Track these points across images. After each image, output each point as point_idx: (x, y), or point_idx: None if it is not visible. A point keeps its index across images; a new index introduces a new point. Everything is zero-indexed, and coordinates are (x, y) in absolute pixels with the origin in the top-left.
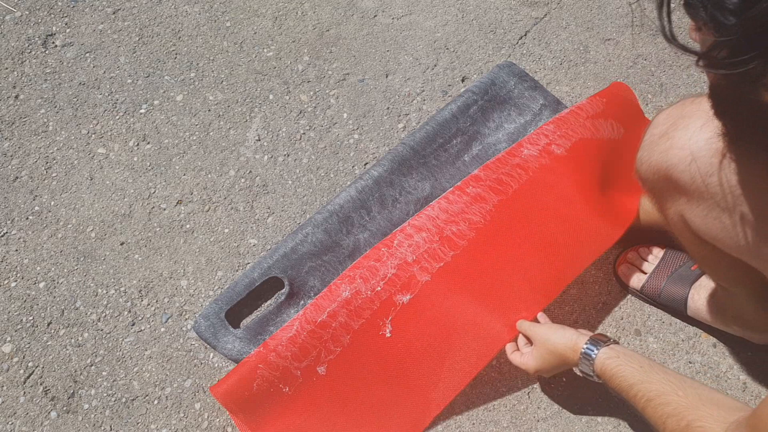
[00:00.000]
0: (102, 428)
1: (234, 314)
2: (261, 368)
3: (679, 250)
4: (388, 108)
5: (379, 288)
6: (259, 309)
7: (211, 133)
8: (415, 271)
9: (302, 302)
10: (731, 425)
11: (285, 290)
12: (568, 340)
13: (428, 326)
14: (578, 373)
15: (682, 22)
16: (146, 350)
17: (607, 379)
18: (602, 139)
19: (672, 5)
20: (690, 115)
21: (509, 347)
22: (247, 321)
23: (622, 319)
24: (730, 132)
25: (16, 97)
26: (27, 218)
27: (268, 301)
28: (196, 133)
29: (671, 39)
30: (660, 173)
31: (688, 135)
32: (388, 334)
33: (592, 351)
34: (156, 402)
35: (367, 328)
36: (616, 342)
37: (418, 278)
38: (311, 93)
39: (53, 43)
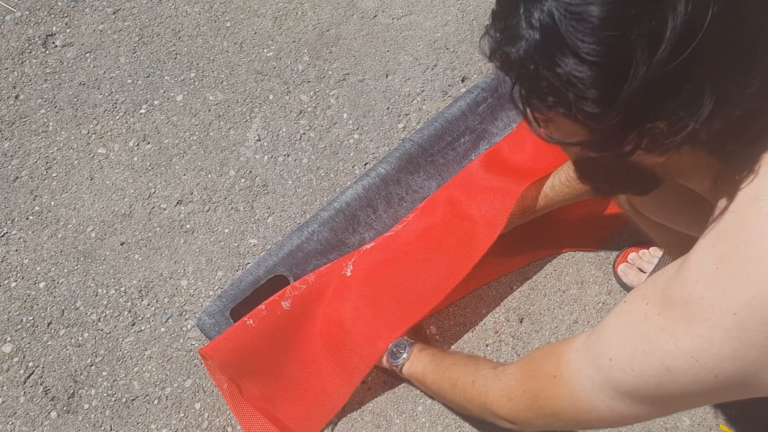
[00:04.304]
0: (102, 428)
1: (238, 312)
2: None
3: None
4: (388, 108)
5: None
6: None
7: (211, 133)
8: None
9: None
10: (499, 368)
11: None
12: None
13: (385, 265)
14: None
15: None
16: (146, 350)
17: (421, 366)
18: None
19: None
20: None
21: None
22: None
23: None
24: (599, 191)
25: (16, 97)
26: (27, 218)
27: None
28: (196, 133)
29: (549, 139)
30: None
31: None
32: (349, 274)
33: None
34: (156, 402)
35: (331, 268)
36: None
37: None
38: (311, 93)
39: (53, 43)
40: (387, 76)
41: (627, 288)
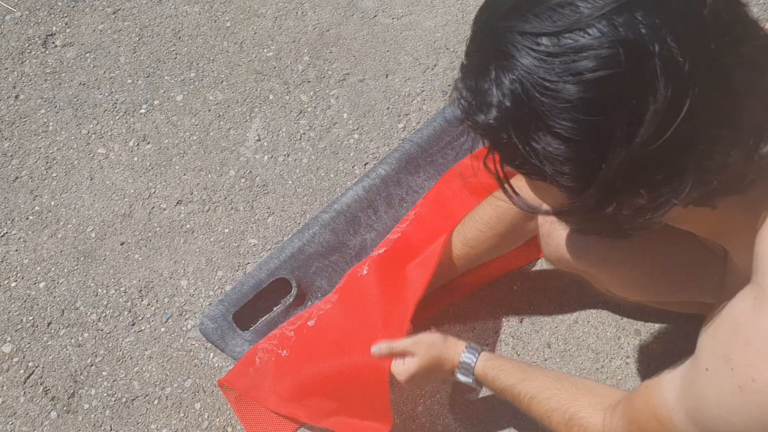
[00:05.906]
0: (102, 428)
1: (241, 316)
2: (260, 343)
3: None
4: (388, 108)
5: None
6: (266, 311)
7: (211, 133)
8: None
9: (309, 303)
10: (608, 411)
11: (293, 292)
12: (451, 344)
13: (400, 255)
14: (458, 379)
15: None
16: (146, 350)
17: (490, 381)
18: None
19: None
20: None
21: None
22: (255, 324)
23: (622, 319)
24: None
25: (16, 97)
26: (27, 218)
27: (277, 306)
28: (196, 133)
29: (532, 209)
30: (561, 263)
31: (557, 242)
32: (365, 272)
33: (473, 355)
34: (156, 402)
35: (349, 279)
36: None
37: (390, 237)
38: (311, 93)
39: (53, 43)
40: (387, 76)
41: None
